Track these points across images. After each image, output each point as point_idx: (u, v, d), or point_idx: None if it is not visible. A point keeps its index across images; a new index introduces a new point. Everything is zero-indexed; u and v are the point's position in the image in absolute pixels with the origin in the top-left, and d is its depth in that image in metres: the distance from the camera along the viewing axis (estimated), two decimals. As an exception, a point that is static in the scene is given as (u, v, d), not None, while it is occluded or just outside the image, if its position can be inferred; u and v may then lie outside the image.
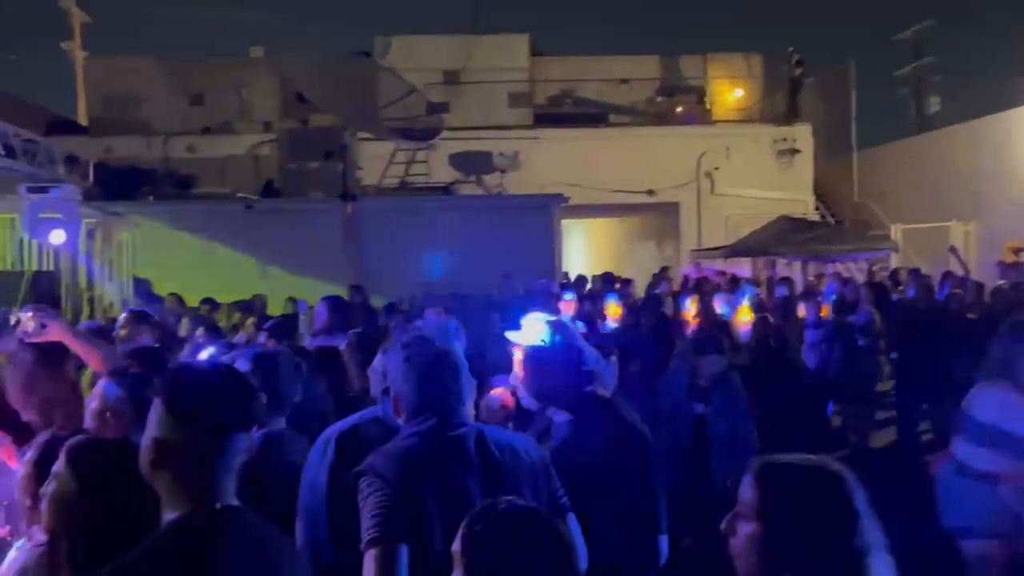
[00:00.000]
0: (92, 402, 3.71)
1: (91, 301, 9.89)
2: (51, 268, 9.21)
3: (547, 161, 16.89)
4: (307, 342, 6.39)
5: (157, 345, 5.45)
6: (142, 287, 10.93)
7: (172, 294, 10.58)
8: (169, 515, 1.78)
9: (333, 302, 6.65)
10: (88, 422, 3.66)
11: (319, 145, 15.35)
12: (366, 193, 15.05)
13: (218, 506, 1.79)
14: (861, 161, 19.80)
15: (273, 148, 16.74)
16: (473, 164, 16.76)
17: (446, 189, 15.84)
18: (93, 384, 3.89)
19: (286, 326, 6.72)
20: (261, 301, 10.61)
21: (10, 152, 7.15)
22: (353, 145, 15.25)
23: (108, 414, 3.50)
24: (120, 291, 10.35)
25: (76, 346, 3.96)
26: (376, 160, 16.60)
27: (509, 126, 17.91)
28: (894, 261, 15.78)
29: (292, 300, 10.48)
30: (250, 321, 8.77)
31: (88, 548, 1.97)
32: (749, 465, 1.73)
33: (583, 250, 24.63)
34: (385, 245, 13.32)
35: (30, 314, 3.92)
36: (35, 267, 9.30)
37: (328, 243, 13.35)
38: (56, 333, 3.91)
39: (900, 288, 11.67)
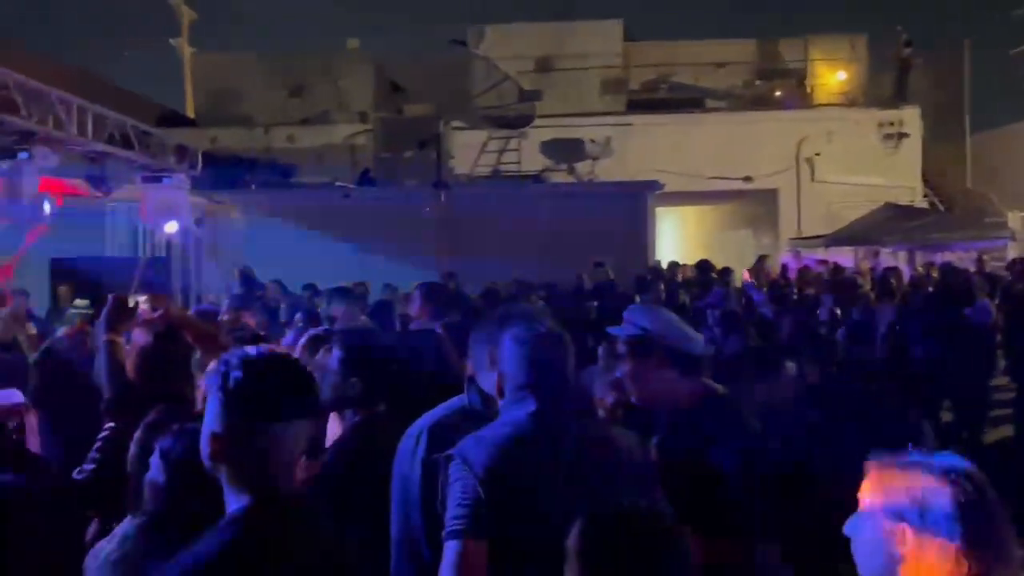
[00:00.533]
0: (204, 384, 3.87)
1: (197, 286, 10.33)
2: (162, 254, 9.67)
3: (640, 148, 16.65)
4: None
5: (261, 332, 5.66)
6: (245, 273, 11.31)
7: (274, 280, 10.91)
8: (232, 505, 1.79)
9: (429, 289, 6.72)
10: (201, 404, 3.83)
11: (413, 134, 15.57)
12: (458, 181, 15.19)
13: (275, 496, 1.77)
14: (975, 145, 18.78)
15: (368, 138, 17.06)
16: (565, 151, 16.69)
17: (537, 177, 15.82)
18: (202, 367, 4.05)
19: (384, 312, 6.84)
20: (363, 288, 10.79)
21: (128, 143, 7.50)
22: (446, 134, 15.39)
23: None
24: (225, 277, 10.74)
25: (189, 330, 4.12)
26: (468, 148, 16.72)
27: (601, 112, 17.73)
28: (1012, 251, 14.93)
29: (390, 287, 10.66)
30: (348, 307, 8.95)
31: (181, 531, 2.01)
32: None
33: (674, 239, 24.23)
34: (477, 233, 13.40)
35: (146, 298, 4.11)
36: (147, 253, 9.78)
37: (422, 231, 13.52)
38: (170, 317, 4.08)
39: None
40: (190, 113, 21.52)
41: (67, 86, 7.14)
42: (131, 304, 4.01)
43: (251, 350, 1.92)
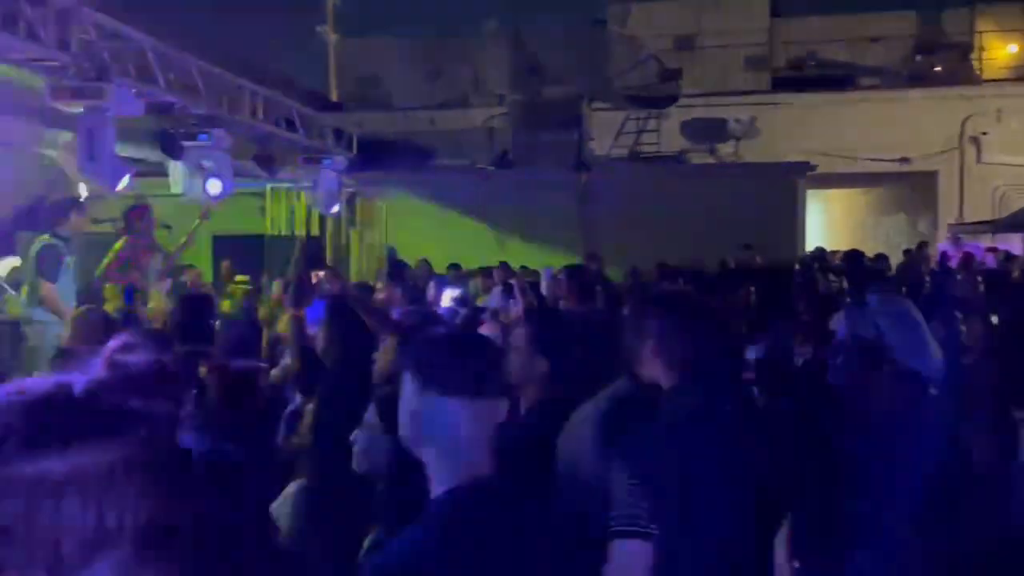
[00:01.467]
0: (381, 358, 3.96)
1: (347, 264, 10.66)
2: (317, 234, 10.04)
3: (786, 128, 15.97)
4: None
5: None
6: (392, 253, 11.61)
7: (422, 260, 11.17)
8: (436, 488, 1.75)
9: (575, 272, 6.65)
10: (377, 379, 3.91)
11: (552, 116, 15.48)
12: (597, 163, 15.03)
13: (479, 480, 1.72)
14: None
15: (506, 120, 17.12)
16: (706, 131, 16.22)
17: (678, 158, 15.45)
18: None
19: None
20: (505, 269, 10.84)
21: (291, 126, 7.78)
22: (586, 115, 15.25)
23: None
24: (374, 256, 11.04)
25: (362, 305, 4.23)
26: (605, 129, 16.50)
27: (745, 91, 17.12)
28: None
29: (525, 269, 10.71)
30: (494, 288, 9.03)
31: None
32: None
33: (820, 223, 23.20)
34: (617, 215, 13.22)
35: (324, 274, 4.23)
36: (303, 232, 10.17)
37: (561, 213, 13.47)
38: (347, 293, 4.20)
39: None
40: (333, 98, 22.26)
41: (235, 70, 7.41)
42: (313, 280, 4.15)
43: (442, 329, 1.89)
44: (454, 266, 10.62)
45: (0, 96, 5.36)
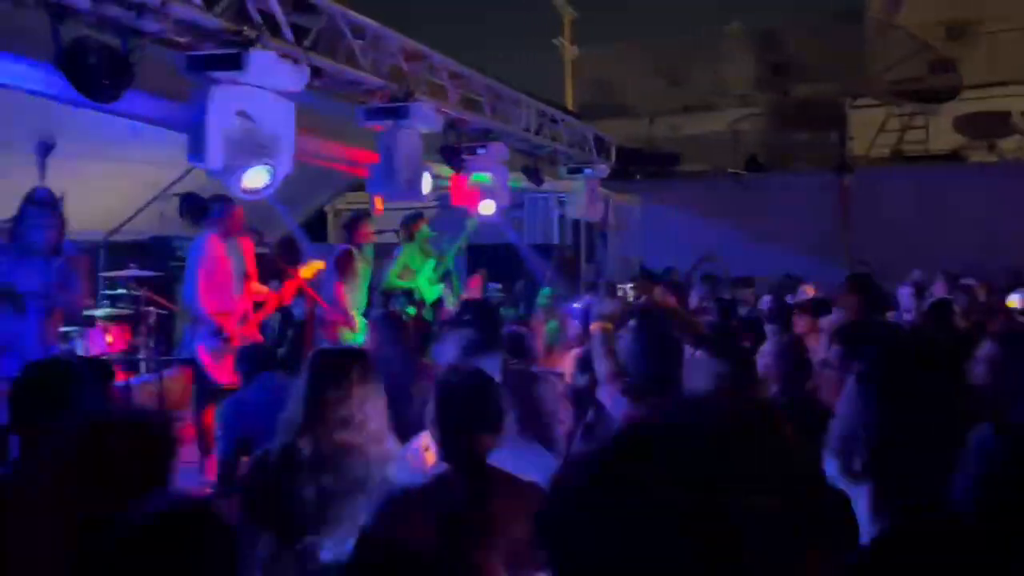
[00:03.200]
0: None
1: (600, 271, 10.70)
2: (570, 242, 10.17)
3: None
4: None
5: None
6: (642, 264, 11.53)
7: (667, 268, 10.96)
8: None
9: (861, 281, 6.17)
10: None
11: (804, 115, 14.68)
12: (857, 164, 14.04)
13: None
14: None
15: (754, 122, 16.47)
16: (986, 127, 14.62)
17: (952, 156, 14.06)
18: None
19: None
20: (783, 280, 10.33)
21: (556, 136, 7.89)
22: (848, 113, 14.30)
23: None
24: (626, 264, 11.00)
25: (670, 314, 4.12)
26: (863, 128, 15.37)
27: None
28: None
29: (790, 277, 10.16)
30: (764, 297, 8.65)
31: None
32: None
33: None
34: (883, 220, 12.26)
35: (633, 285, 4.16)
36: (562, 241, 10.35)
37: (819, 218, 12.71)
38: (655, 303, 4.10)
39: None
40: (570, 107, 22.62)
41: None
42: (619, 292, 4.10)
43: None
44: (708, 278, 10.30)
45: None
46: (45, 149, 4.92)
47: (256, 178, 4.23)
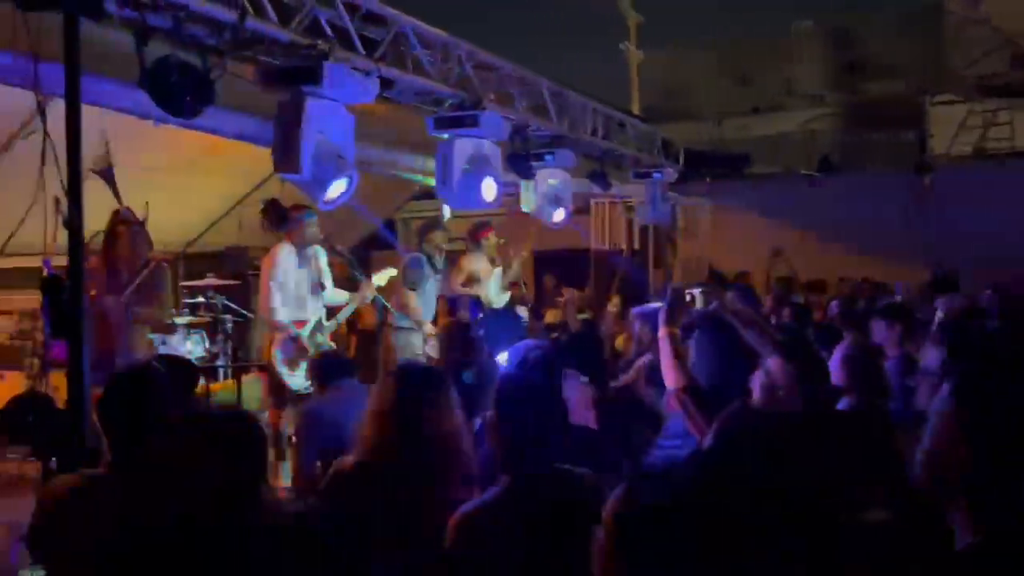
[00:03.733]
0: (760, 376, 3.75)
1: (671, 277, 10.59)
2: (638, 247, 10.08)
3: None
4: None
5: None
6: (712, 268, 11.37)
7: (742, 273, 10.79)
8: None
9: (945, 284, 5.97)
10: (757, 394, 3.71)
11: (880, 113, 14.27)
12: (937, 163, 13.57)
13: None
14: None
15: (826, 121, 16.08)
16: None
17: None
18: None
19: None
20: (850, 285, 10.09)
21: (624, 141, 7.85)
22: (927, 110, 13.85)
23: (778, 389, 3.50)
24: (695, 269, 10.86)
25: (738, 320, 4.04)
26: (943, 125, 14.85)
27: None
28: None
29: (868, 281, 9.91)
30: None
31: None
32: None
33: None
34: (964, 220, 11.81)
35: (701, 290, 4.11)
36: (629, 246, 10.27)
37: (896, 219, 12.31)
38: (725, 309, 4.03)
39: None
40: (636, 111, 22.45)
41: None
42: (687, 297, 4.04)
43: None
44: (783, 280, 10.11)
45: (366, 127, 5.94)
46: (108, 174, 5.17)
47: (338, 188, 4.35)
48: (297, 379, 5.99)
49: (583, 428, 3.74)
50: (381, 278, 6.68)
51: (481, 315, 7.30)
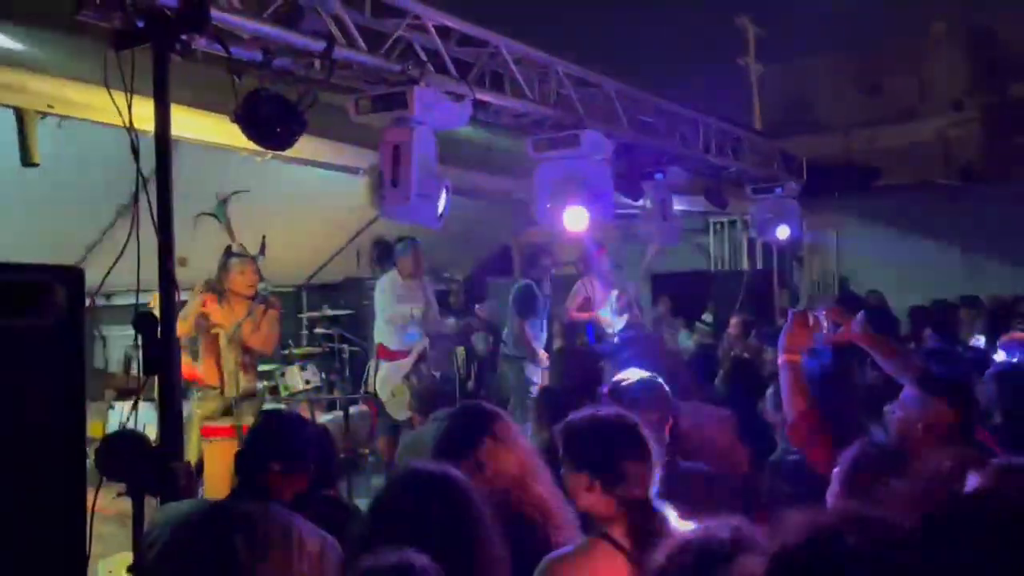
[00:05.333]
0: (896, 410, 3.36)
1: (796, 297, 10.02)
2: (761, 267, 9.59)
3: None
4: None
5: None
6: (845, 284, 10.70)
7: (872, 291, 10.08)
8: None
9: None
10: (893, 428, 3.33)
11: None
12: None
13: None
14: None
15: (966, 128, 14.99)
16: None
17: None
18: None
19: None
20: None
21: (738, 156, 7.49)
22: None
23: (920, 424, 3.13)
24: (825, 288, 10.26)
25: (873, 348, 3.66)
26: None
27: None
28: None
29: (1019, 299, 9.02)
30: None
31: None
32: None
33: None
34: None
35: (824, 313, 3.75)
36: (750, 266, 9.78)
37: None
38: (852, 334, 3.67)
39: None
40: (758, 126, 21.73)
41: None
42: (810, 321, 3.70)
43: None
44: (918, 309, 9.32)
45: (474, 153, 5.86)
46: (221, 211, 5.33)
47: (443, 200, 4.27)
48: (402, 408, 5.97)
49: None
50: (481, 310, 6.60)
51: (603, 338, 7.10)
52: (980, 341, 7.02)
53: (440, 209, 4.20)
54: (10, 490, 2.92)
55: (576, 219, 5.18)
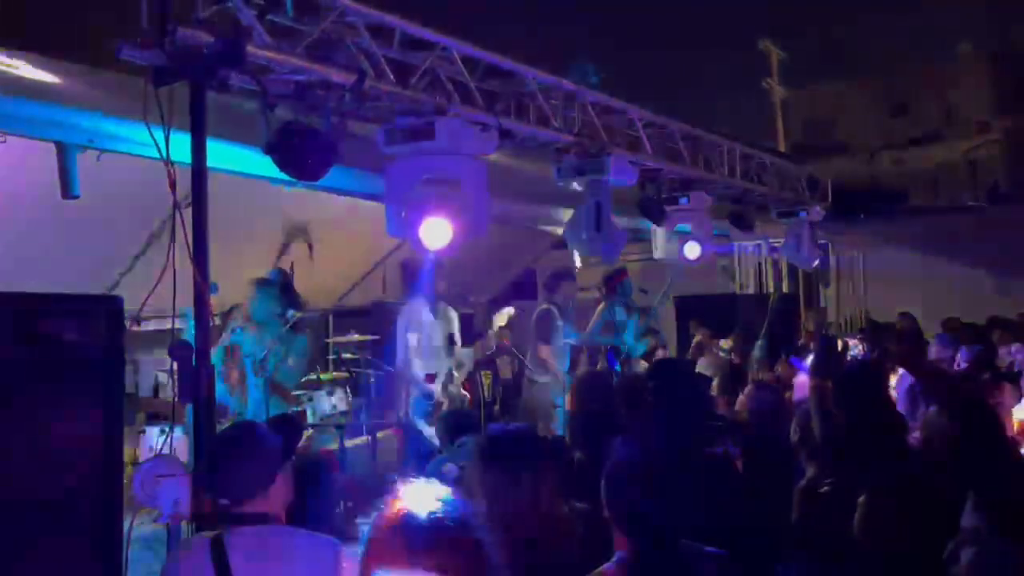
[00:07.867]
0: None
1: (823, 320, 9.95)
2: (787, 291, 9.56)
3: None
4: None
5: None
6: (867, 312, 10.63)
7: (904, 314, 9.99)
8: None
9: None
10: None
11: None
12: None
13: None
14: None
15: (994, 148, 14.89)
16: None
17: None
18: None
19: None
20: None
21: (762, 179, 7.50)
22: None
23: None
24: (853, 310, 10.18)
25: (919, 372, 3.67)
26: None
27: None
28: None
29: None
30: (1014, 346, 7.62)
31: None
32: None
33: None
34: None
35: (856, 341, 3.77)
36: (772, 290, 9.75)
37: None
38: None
39: None
40: (781, 148, 21.70)
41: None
42: (840, 347, 3.71)
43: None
44: (950, 321, 9.24)
45: (500, 180, 5.91)
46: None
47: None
48: (428, 432, 6.00)
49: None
50: (502, 318, 6.65)
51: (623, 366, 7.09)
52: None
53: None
54: (50, 515, 3.00)
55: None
